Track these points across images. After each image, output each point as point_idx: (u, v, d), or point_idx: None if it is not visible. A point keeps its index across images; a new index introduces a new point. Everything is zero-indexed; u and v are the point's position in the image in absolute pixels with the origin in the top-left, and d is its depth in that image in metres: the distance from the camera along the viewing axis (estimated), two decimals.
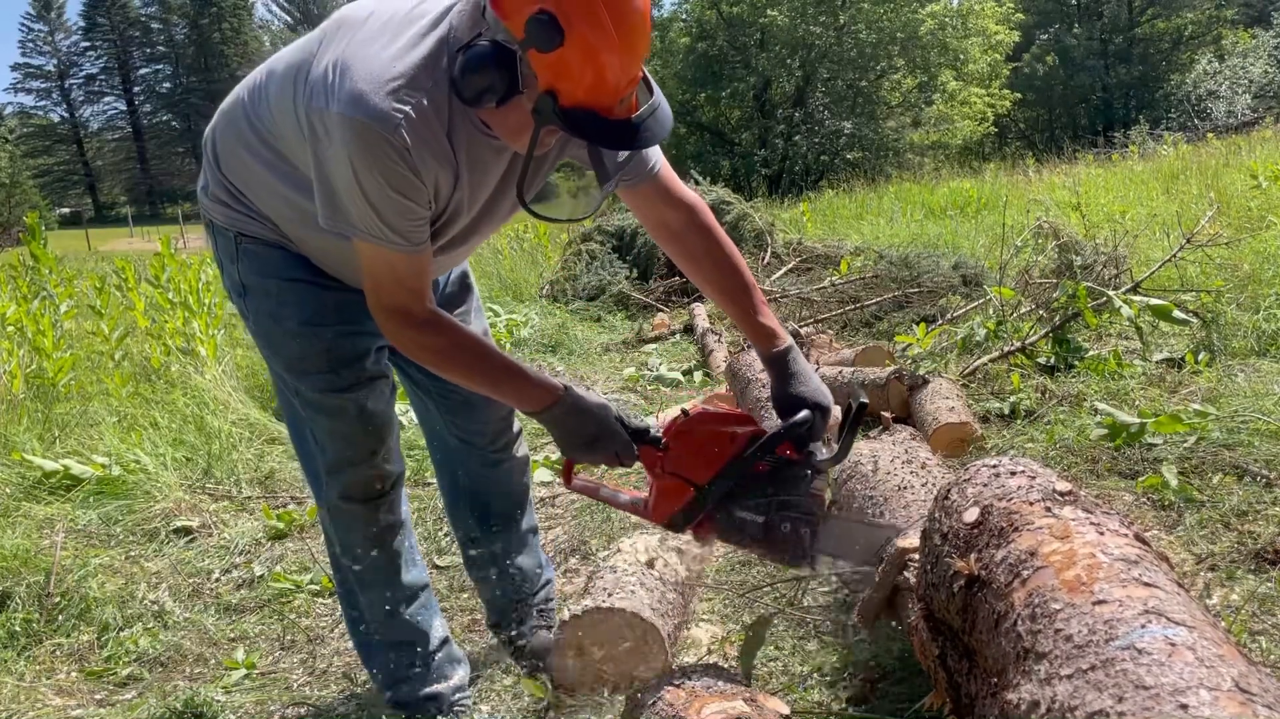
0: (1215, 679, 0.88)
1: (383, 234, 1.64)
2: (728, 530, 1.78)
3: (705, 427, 1.78)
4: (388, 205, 1.61)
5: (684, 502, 1.78)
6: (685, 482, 1.77)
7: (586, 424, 1.77)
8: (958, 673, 1.37)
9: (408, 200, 1.62)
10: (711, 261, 1.93)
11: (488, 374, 1.79)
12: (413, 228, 1.66)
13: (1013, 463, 1.47)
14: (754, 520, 1.75)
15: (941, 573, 1.39)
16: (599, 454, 1.79)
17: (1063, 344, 4.40)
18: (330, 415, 1.96)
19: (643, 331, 7.18)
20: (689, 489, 1.77)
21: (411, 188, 1.62)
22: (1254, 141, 13.92)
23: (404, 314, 1.72)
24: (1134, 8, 39.77)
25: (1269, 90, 25.87)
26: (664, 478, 1.80)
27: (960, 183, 14.95)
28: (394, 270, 1.69)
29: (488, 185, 1.80)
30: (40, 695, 2.42)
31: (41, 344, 5.37)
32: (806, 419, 1.74)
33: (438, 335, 1.76)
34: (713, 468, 1.75)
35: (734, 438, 1.75)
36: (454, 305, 2.17)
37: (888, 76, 30.36)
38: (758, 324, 1.90)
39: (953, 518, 1.42)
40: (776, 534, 1.74)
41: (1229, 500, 2.70)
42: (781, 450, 1.74)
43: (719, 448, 1.75)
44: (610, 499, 1.93)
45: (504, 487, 2.33)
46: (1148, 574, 1.09)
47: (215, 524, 3.45)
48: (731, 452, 1.74)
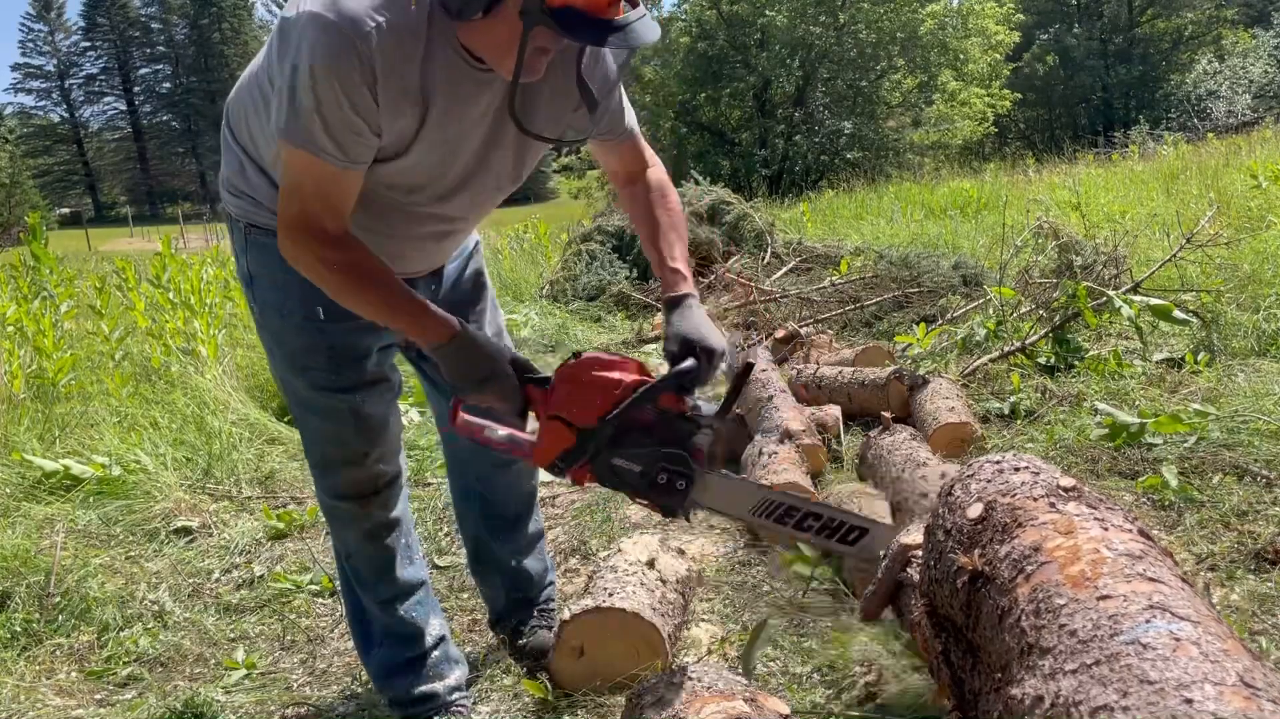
0: (1220, 674, 0.88)
1: (320, 143, 1.57)
2: (606, 476, 1.76)
3: (592, 371, 1.74)
4: (335, 115, 1.54)
5: (565, 446, 1.74)
6: (567, 425, 1.73)
7: (479, 363, 1.74)
8: (961, 669, 1.37)
9: (357, 116, 1.56)
10: (657, 213, 1.96)
11: (387, 301, 1.72)
12: (353, 144, 1.59)
13: (1016, 459, 1.47)
14: (631, 469, 1.73)
15: (945, 569, 1.39)
16: (488, 394, 1.75)
17: (1063, 344, 4.40)
18: (324, 415, 1.95)
19: (643, 331, 7.18)
20: (571, 433, 1.73)
21: (365, 104, 1.55)
22: (1254, 141, 13.92)
23: (312, 226, 1.65)
24: (1134, 8, 39.79)
25: (1269, 90, 25.89)
26: (548, 421, 1.76)
27: (960, 183, 14.96)
28: (319, 181, 1.62)
29: (472, 125, 1.72)
30: (40, 695, 2.42)
31: (42, 344, 5.37)
32: (690, 369, 1.72)
33: (342, 252, 1.68)
34: (595, 413, 1.71)
35: (619, 385, 1.72)
36: (468, 305, 2.14)
37: (888, 76, 30.37)
38: (669, 268, 1.90)
39: (956, 514, 1.42)
40: (653, 484, 1.72)
41: (1229, 500, 2.70)
42: (667, 401, 1.72)
43: (603, 393, 1.72)
44: (493, 440, 1.87)
45: (513, 489, 2.32)
46: (1152, 569, 1.08)
47: (215, 524, 3.45)
48: (615, 398, 1.70)
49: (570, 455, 1.74)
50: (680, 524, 3.11)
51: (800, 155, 29.08)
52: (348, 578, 2.12)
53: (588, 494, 3.50)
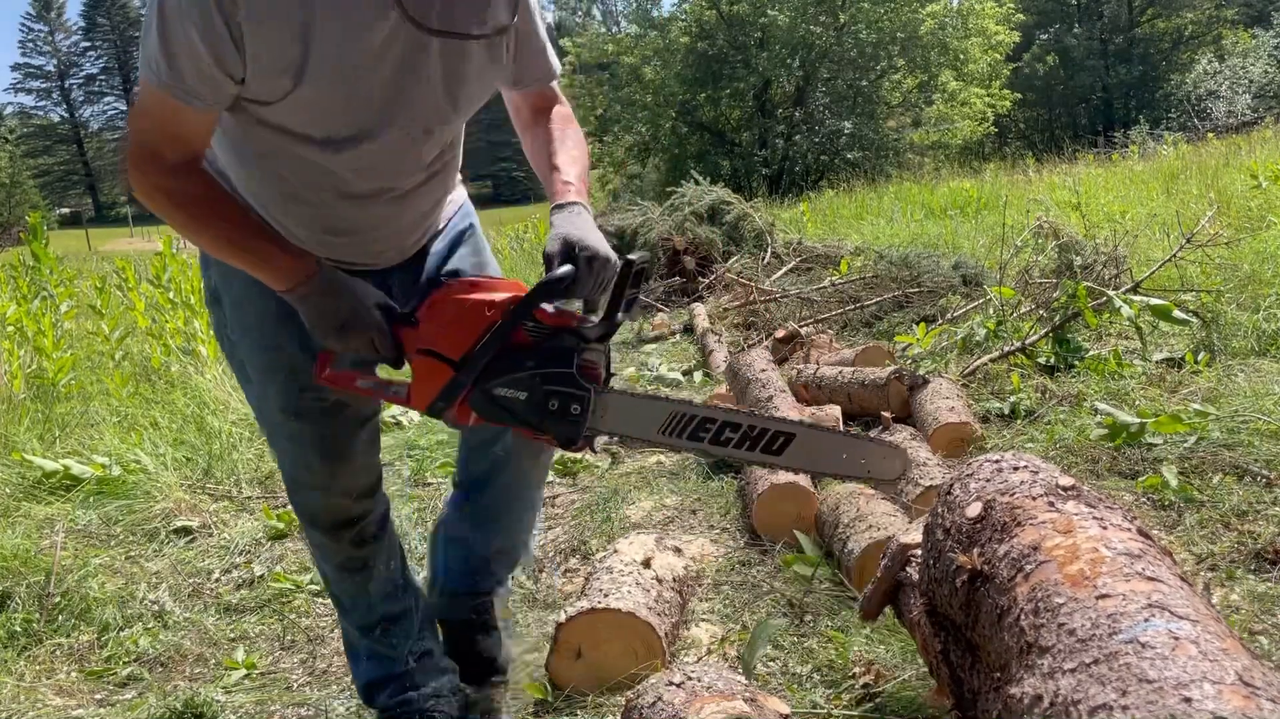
0: (1219, 673, 0.88)
1: (158, 68, 1.42)
2: (489, 410, 1.60)
3: (459, 295, 1.60)
4: (178, 39, 1.39)
5: (442, 382, 1.59)
6: (440, 359, 1.59)
7: (340, 306, 1.57)
8: (960, 668, 1.37)
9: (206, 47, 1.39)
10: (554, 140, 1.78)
11: (233, 235, 1.55)
12: (196, 76, 1.42)
13: (1015, 458, 1.47)
14: (516, 398, 1.57)
15: (944, 568, 1.39)
16: (352, 339, 1.59)
17: (1063, 344, 4.40)
18: (287, 437, 1.83)
19: (642, 331, 7.19)
20: (446, 368, 1.59)
21: (216, 38, 1.38)
22: (1254, 141, 13.92)
23: (152, 155, 1.50)
24: (1134, 8, 39.78)
25: (1269, 90, 25.89)
26: (420, 358, 1.61)
27: (960, 183, 14.96)
28: (160, 112, 1.47)
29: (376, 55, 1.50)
30: (40, 695, 2.42)
31: (42, 344, 5.37)
32: (567, 275, 1.55)
33: (185, 181, 1.52)
34: (467, 340, 1.57)
35: (491, 305, 1.57)
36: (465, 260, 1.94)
37: (888, 76, 30.36)
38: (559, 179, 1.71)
39: (955, 513, 1.42)
40: (544, 413, 1.56)
41: (1229, 500, 2.70)
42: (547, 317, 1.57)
43: (473, 317, 1.57)
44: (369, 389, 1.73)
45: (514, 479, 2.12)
46: (1151, 568, 1.09)
47: (215, 524, 3.45)
48: (489, 321, 1.56)
49: (448, 392, 1.59)
50: (669, 517, 3.11)
51: (800, 155, 29.07)
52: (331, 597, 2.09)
53: (588, 494, 3.50)
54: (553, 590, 2.74)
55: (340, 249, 1.72)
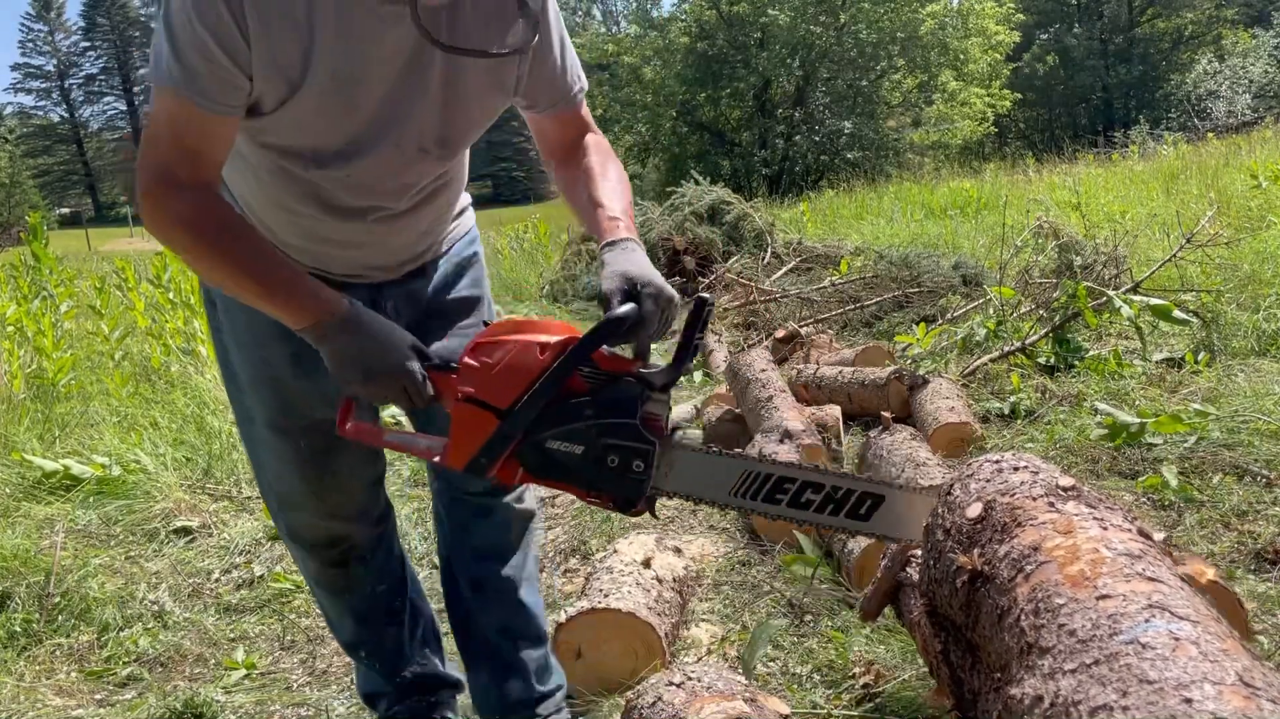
0: (1219, 673, 0.88)
1: (171, 72, 1.33)
2: (540, 466, 1.42)
3: (506, 337, 1.42)
4: (188, 37, 1.31)
5: (486, 435, 1.40)
6: (484, 408, 1.41)
7: (367, 349, 1.41)
8: (960, 668, 1.37)
9: (216, 44, 1.31)
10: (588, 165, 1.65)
11: (249, 268, 1.41)
12: (211, 77, 1.33)
13: (1015, 458, 1.47)
14: (571, 453, 1.39)
15: (944, 568, 1.39)
16: (382, 387, 1.43)
17: (1063, 344, 4.40)
18: (271, 452, 1.73)
19: None
20: (491, 418, 1.40)
21: (226, 34, 1.31)
22: (1254, 141, 13.93)
23: (165, 176, 1.38)
24: (1134, 8, 39.79)
25: (1269, 90, 25.89)
26: (461, 407, 1.43)
27: (960, 183, 14.96)
28: (175, 123, 1.37)
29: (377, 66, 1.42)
30: (40, 696, 2.42)
31: (42, 344, 5.37)
32: (630, 313, 1.37)
33: (197, 206, 1.39)
34: (516, 386, 1.39)
35: (544, 347, 1.39)
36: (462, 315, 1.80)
37: (888, 76, 30.37)
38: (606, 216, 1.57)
39: (955, 513, 1.42)
40: (601, 470, 1.39)
41: (1229, 500, 2.70)
42: (607, 363, 1.40)
43: (524, 361, 1.39)
44: (400, 444, 1.58)
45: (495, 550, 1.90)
46: (1151, 569, 1.09)
47: (215, 524, 3.45)
48: (541, 363, 1.38)
49: (493, 445, 1.41)
50: (670, 517, 3.11)
51: (800, 155, 29.07)
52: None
53: None
54: (553, 590, 2.74)
55: (328, 260, 1.63)
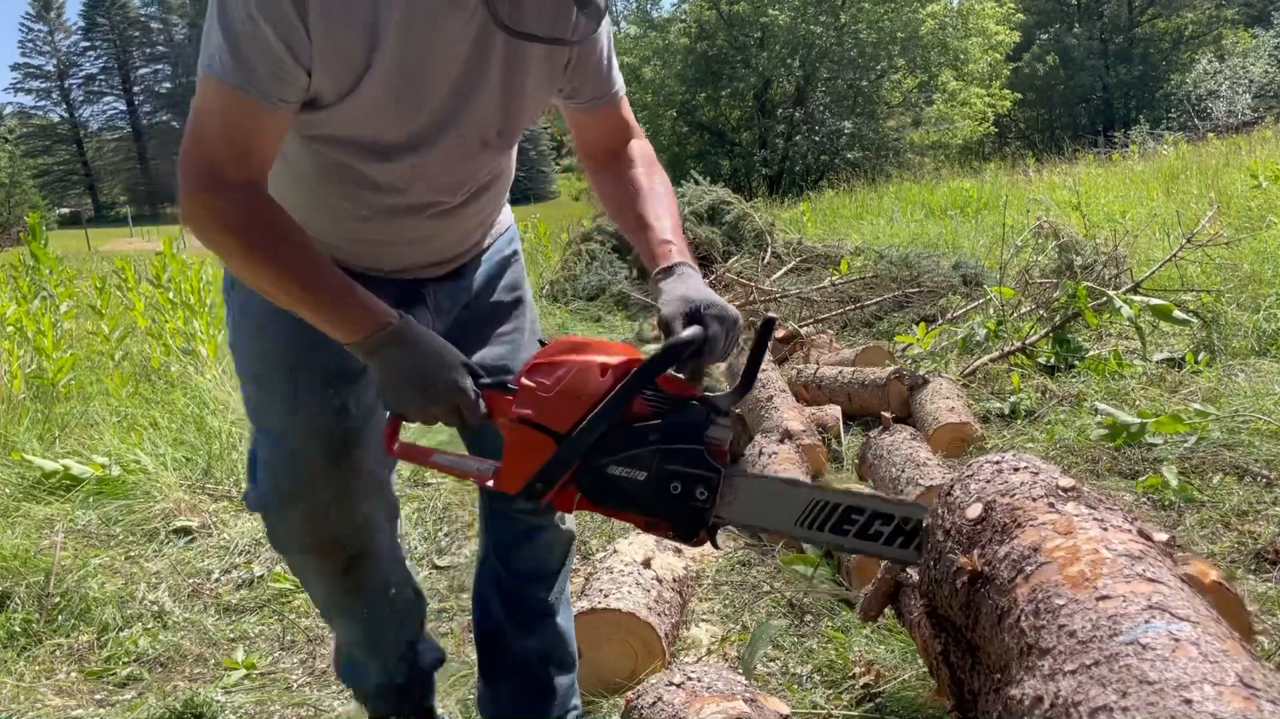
0: (1219, 674, 0.88)
1: (225, 64, 1.25)
2: (600, 492, 1.37)
3: (566, 357, 1.36)
4: (246, 29, 1.24)
5: (543, 459, 1.35)
6: (543, 432, 1.35)
7: (420, 365, 1.35)
8: (960, 669, 1.37)
9: (276, 37, 1.24)
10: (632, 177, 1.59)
11: (297, 275, 1.33)
12: (268, 70, 1.26)
13: (1015, 459, 1.47)
14: (634, 479, 1.34)
15: (944, 569, 1.39)
16: (435, 405, 1.36)
17: (1063, 344, 4.41)
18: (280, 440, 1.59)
19: (643, 332, 7.18)
20: (548, 442, 1.35)
21: (287, 26, 1.23)
22: (1254, 141, 13.93)
23: (212, 174, 1.30)
24: (1134, 7, 39.80)
25: (1269, 90, 25.89)
26: (516, 429, 1.37)
27: (960, 183, 14.96)
28: (225, 114, 1.28)
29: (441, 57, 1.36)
30: (40, 696, 2.42)
31: (41, 344, 5.37)
32: (694, 338, 1.32)
33: (247, 209, 1.31)
34: (577, 410, 1.33)
35: (605, 369, 1.33)
36: (501, 320, 1.73)
37: (888, 76, 30.39)
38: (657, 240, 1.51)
39: (955, 514, 1.42)
40: (664, 498, 1.34)
41: (1229, 500, 2.70)
42: (671, 386, 1.34)
43: (584, 383, 1.33)
44: (449, 466, 1.50)
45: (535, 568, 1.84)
46: (1151, 570, 1.09)
47: (215, 524, 3.45)
48: (603, 386, 1.32)
49: (550, 470, 1.35)
50: None
51: (800, 155, 29.09)
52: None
53: None
54: None
55: (366, 258, 1.56)
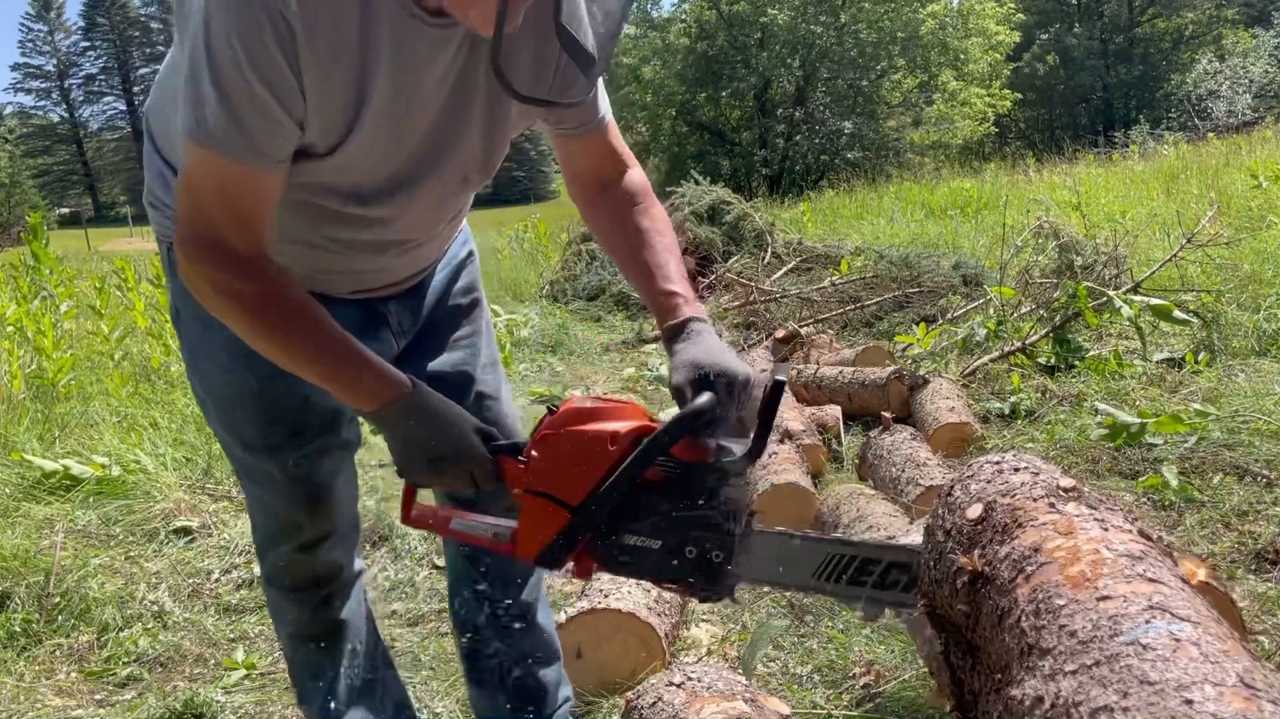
0: (1220, 675, 0.88)
1: (220, 130, 1.18)
2: (617, 561, 1.38)
3: (575, 426, 1.35)
4: (238, 89, 1.16)
5: (557, 528, 1.36)
6: (556, 502, 1.36)
7: (433, 432, 1.35)
8: (961, 669, 1.37)
9: (268, 92, 1.17)
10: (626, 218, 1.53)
11: (310, 346, 1.32)
12: (263, 130, 1.20)
13: (1016, 459, 1.47)
14: (649, 547, 1.35)
15: (945, 569, 1.39)
16: (448, 473, 1.37)
17: (1063, 344, 4.41)
18: (256, 479, 1.56)
19: (643, 332, 7.19)
20: (562, 512, 1.35)
21: (278, 78, 1.17)
22: (1254, 141, 13.93)
23: (215, 245, 1.25)
24: (1134, 7, 39.81)
25: (1269, 90, 25.89)
26: (530, 499, 1.38)
27: (960, 183, 14.97)
28: (223, 184, 1.23)
29: (427, 99, 1.32)
30: (40, 696, 2.42)
31: (41, 344, 5.37)
32: (708, 405, 1.31)
33: (250, 280, 1.27)
34: (589, 480, 1.33)
35: (615, 438, 1.33)
36: (457, 325, 1.71)
37: (888, 76, 30.41)
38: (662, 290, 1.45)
39: (956, 514, 1.42)
40: (680, 562, 1.35)
41: (1229, 500, 2.70)
42: (682, 451, 1.33)
43: (595, 453, 1.33)
44: (465, 533, 1.49)
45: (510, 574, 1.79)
46: (1152, 570, 1.08)
47: (215, 524, 3.44)
48: (613, 458, 1.32)
49: (565, 540, 1.36)
50: None
51: (800, 155, 29.11)
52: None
53: None
54: (552, 590, 2.74)
55: (324, 283, 1.50)
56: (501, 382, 1.77)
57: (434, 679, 2.31)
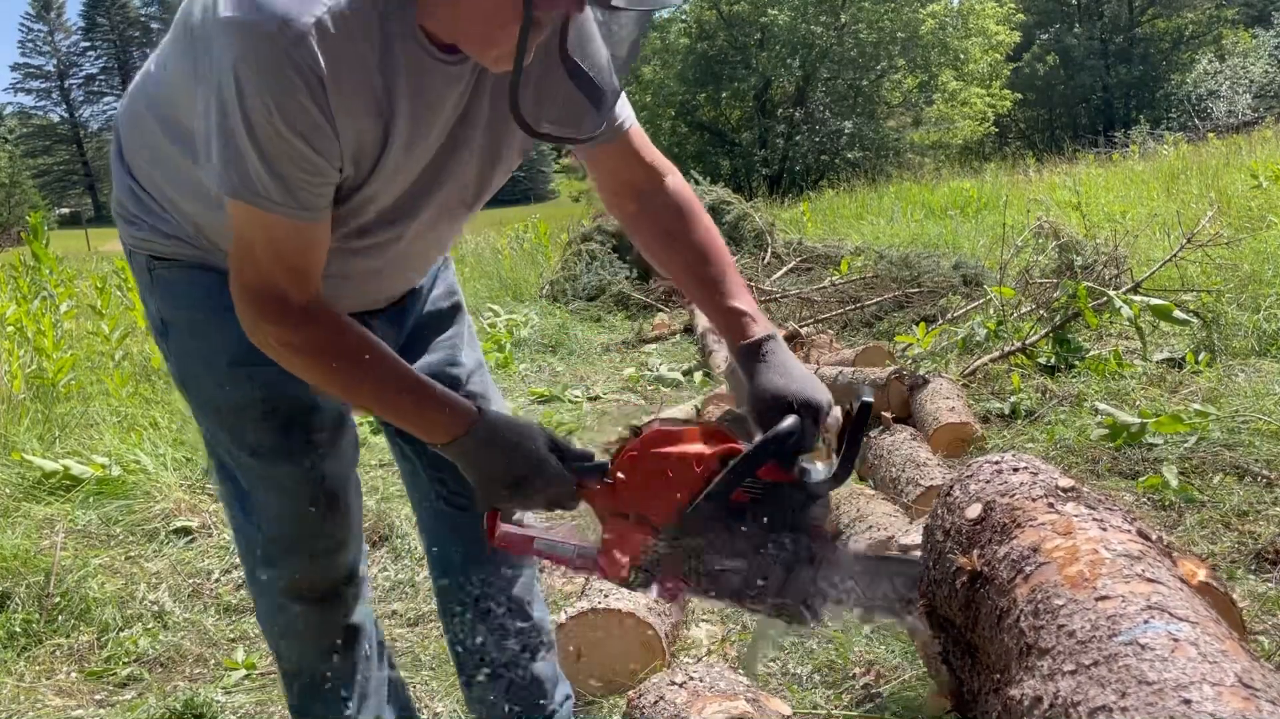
0: (1218, 675, 0.88)
1: (264, 190, 1.19)
2: (703, 584, 1.40)
3: (662, 449, 1.37)
4: (278, 148, 1.17)
5: (644, 550, 1.38)
6: (642, 524, 1.39)
7: (511, 458, 1.35)
8: (960, 669, 1.37)
9: (308, 146, 1.18)
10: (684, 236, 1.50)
11: (377, 387, 1.35)
12: (308, 184, 1.21)
13: (1015, 459, 1.47)
14: (735, 569, 1.37)
15: (944, 569, 1.39)
16: (529, 497, 1.38)
17: (1063, 344, 4.41)
18: (270, 487, 1.52)
19: (643, 332, 7.19)
20: (649, 533, 1.38)
21: (315, 130, 1.18)
22: (1254, 141, 13.92)
23: (273, 299, 1.27)
24: (1134, 7, 39.80)
25: (1269, 90, 25.88)
26: (615, 521, 1.40)
27: (961, 183, 14.95)
28: (273, 241, 1.25)
29: (434, 131, 1.32)
30: (40, 696, 2.42)
31: (42, 344, 5.37)
32: (794, 428, 1.32)
33: (314, 330, 1.30)
34: (677, 502, 1.36)
35: (701, 460, 1.35)
36: (439, 329, 1.70)
37: (888, 76, 30.42)
38: (727, 308, 1.45)
39: (955, 514, 1.42)
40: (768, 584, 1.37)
41: (1229, 500, 2.70)
42: (766, 472, 1.35)
43: (681, 476, 1.36)
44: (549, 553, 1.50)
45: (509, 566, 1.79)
46: (1150, 570, 1.09)
47: (215, 524, 3.44)
48: (699, 480, 1.35)
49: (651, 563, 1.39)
50: None
51: (800, 155, 29.12)
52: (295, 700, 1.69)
53: None
54: (553, 590, 2.74)
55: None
56: (489, 380, 1.77)
57: (434, 679, 2.32)
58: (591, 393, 5.34)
